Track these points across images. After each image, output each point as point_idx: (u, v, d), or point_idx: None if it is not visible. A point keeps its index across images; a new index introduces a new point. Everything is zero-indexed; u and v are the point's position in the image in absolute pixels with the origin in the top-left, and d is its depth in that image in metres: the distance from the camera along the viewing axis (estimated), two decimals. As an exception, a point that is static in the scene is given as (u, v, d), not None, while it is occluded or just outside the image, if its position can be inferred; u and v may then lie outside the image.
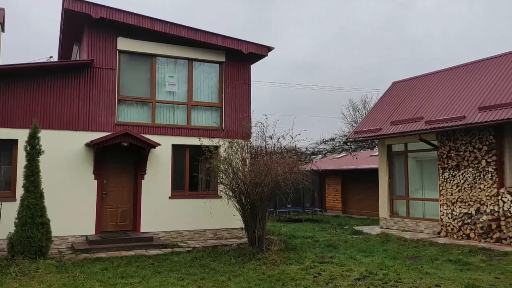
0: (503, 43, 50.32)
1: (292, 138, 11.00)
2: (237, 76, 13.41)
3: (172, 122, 12.66)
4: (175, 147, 12.49)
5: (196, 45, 12.79)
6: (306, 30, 66.94)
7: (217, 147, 11.83)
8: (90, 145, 11.14)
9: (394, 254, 10.15)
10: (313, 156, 25.10)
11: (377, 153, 17.53)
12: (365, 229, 15.26)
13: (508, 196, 11.37)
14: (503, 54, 13.61)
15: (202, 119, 13.08)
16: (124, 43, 12.11)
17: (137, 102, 12.37)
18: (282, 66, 59.21)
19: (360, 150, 29.26)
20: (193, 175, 12.60)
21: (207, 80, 13.24)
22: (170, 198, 12.24)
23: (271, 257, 9.41)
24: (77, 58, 14.26)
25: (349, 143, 23.81)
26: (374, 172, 16.89)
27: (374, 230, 14.94)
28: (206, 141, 11.44)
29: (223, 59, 13.22)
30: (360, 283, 7.40)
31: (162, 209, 12.07)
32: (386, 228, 15.21)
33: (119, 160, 11.95)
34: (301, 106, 51.09)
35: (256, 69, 28.31)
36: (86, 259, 9.37)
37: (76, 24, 12.10)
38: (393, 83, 17.46)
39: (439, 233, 13.32)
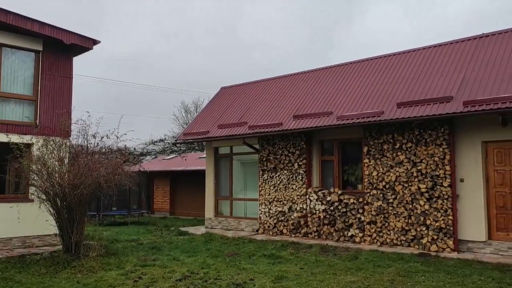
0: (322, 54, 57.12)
1: (118, 137, 10.54)
2: (57, 68, 12.23)
3: (-28, 114, 10.86)
4: (-25, 144, 10.74)
5: (8, 29, 11.23)
6: (140, 27, 65.22)
7: (29, 145, 10.58)
8: None
9: (216, 252, 10.55)
10: (142, 157, 24.55)
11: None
12: (191, 229, 15.55)
13: (314, 195, 12.92)
14: (320, 69, 15.39)
15: (12, 113, 11.52)
16: None
17: None
18: (112, 62, 56.46)
19: (190, 152, 29.75)
20: (-2, 176, 11.01)
21: (20, 70, 11.74)
22: (-34, 203, 10.46)
23: (89, 263, 8.83)
24: None
25: (178, 145, 23.97)
26: (202, 174, 17.32)
27: (200, 230, 15.33)
28: (15, 138, 10.12)
29: (40, 48, 11.90)
30: (181, 284, 7.46)
31: (-46, 217, 10.23)
32: (211, 228, 15.76)
33: None
34: (130, 104, 49.56)
35: (80, 62, 26.33)
36: None
37: None
38: (222, 88, 18.23)
39: (257, 230, 14.38)
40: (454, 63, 11.55)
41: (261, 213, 14.28)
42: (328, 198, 12.59)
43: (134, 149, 22.43)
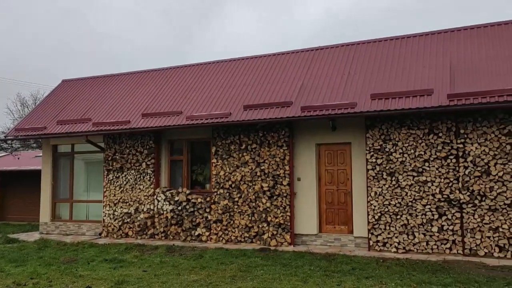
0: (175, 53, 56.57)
1: None
2: None
3: None
4: None
5: None
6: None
7: None
8: None
9: (50, 260, 9.61)
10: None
11: (42, 154, 16.31)
12: (22, 236, 13.93)
13: (162, 195, 12.70)
14: (170, 68, 15.17)
15: None
16: None
17: None
18: None
19: (26, 150, 26.71)
20: None
21: None
22: None
23: None
24: None
25: (10, 141, 21.26)
26: (39, 174, 15.64)
27: (33, 236, 13.82)
28: None
29: None
30: (2, 299, 6.60)
31: None
32: (47, 234, 14.33)
33: None
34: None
35: None
36: None
37: None
38: (63, 81, 16.74)
39: (100, 234, 13.54)
40: (295, 70, 12.54)
41: (105, 216, 13.48)
42: (176, 198, 12.50)
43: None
